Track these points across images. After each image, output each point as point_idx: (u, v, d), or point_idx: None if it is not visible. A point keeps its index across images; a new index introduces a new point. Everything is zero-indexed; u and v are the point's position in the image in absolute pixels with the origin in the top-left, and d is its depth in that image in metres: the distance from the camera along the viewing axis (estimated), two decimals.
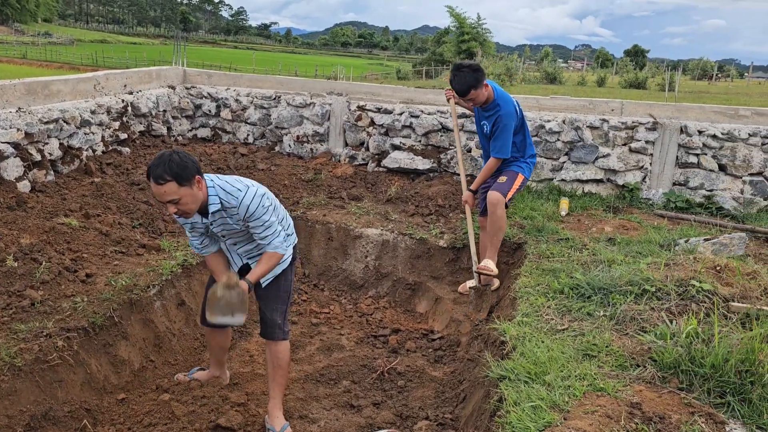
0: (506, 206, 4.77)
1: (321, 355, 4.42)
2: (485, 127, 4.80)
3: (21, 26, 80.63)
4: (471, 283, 5.03)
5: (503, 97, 4.67)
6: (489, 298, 4.72)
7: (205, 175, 3.00)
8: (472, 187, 4.92)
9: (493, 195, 4.69)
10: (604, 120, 6.62)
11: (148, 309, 4.09)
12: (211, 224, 3.12)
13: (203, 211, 3.05)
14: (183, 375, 3.85)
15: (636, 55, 70.25)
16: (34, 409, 3.11)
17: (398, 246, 5.58)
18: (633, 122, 6.56)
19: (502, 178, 4.75)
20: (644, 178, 6.60)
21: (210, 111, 7.99)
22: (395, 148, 7.19)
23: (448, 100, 5.29)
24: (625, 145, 6.58)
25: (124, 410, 3.50)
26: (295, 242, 3.47)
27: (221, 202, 3.02)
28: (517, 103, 4.80)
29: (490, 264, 4.65)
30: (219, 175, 3.13)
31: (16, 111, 5.36)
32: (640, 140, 6.53)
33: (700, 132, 6.41)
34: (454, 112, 5.36)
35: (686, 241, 4.98)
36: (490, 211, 4.70)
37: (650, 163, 6.57)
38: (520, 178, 4.79)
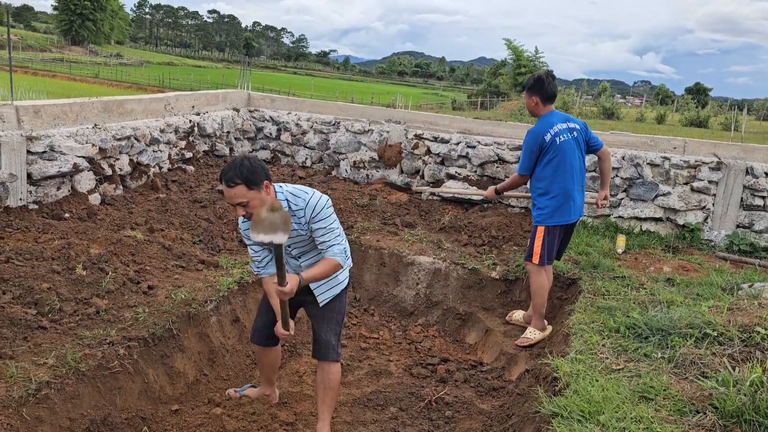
0: (551, 261, 4.76)
1: (369, 380, 4.43)
2: None
3: (95, 47, 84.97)
4: (518, 315, 5.11)
5: (541, 119, 4.61)
6: None
7: (274, 184, 3.12)
8: (498, 187, 5.02)
9: (525, 262, 4.82)
10: (665, 158, 6.50)
11: (204, 323, 4.20)
12: None
13: None
14: (234, 390, 3.93)
15: (698, 93, 68.57)
16: (94, 414, 3.23)
17: (450, 275, 5.57)
18: (696, 161, 6.41)
19: (529, 240, 4.78)
20: (706, 218, 6.42)
21: (271, 134, 8.22)
22: (450, 177, 7.22)
23: None
24: (686, 184, 6.43)
25: (177, 421, 3.58)
26: (350, 266, 3.53)
27: (289, 206, 3.12)
28: (556, 134, 4.53)
29: (530, 334, 4.74)
30: (288, 184, 3.24)
31: (93, 127, 5.66)
32: (702, 180, 6.37)
33: (767, 174, 6.21)
34: None
35: (750, 286, 4.80)
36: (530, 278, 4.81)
37: (713, 204, 6.40)
38: (539, 232, 4.64)
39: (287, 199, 3.13)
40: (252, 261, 3.40)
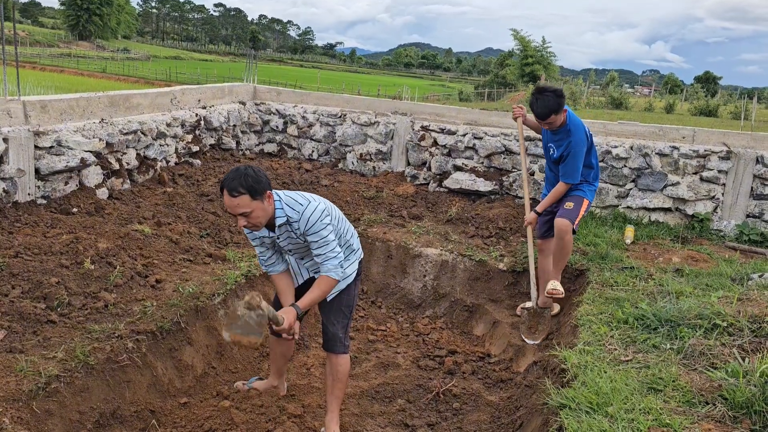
0: (574, 231, 4.70)
1: (377, 372, 4.43)
2: (552, 149, 4.76)
3: (102, 42, 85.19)
4: (528, 304, 4.94)
5: (575, 122, 4.63)
6: (547, 322, 4.68)
7: (273, 191, 3.10)
8: (538, 209, 4.87)
9: (561, 222, 4.63)
10: (674, 147, 6.44)
11: (212, 317, 4.21)
12: (278, 238, 3.21)
13: (270, 224, 3.14)
14: (242, 383, 3.94)
15: (707, 81, 67.96)
16: (103, 407, 3.25)
17: (457, 267, 5.56)
18: (705, 150, 6.35)
19: (569, 204, 4.68)
20: (715, 208, 6.37)
21: (277, 127, 8.22)
22: (457, 169, 7.19)
23: (515, 119, 5.19)
24: (695, 173, 6.38)
25: (185, 414, 3.60)
26: (361, 257, 3.52)
27: (287, 216, 3.11)
28: (587, 128, 4.75)
29: (558, 285, 4.66)
30: (286, 191, 3.21)
31: (99, 122, 5.67)
32: (712, 169, 6.31)
33: None
34: (521, 132, 5.23)
35: (760, 276, 4.76)
36: (559, 237, 4.65)
37: (722, 194, 6.34)
38: (585, 203, 4.74)
39: (285, 212, 3.09)
40: (258, 256, 3.41)
